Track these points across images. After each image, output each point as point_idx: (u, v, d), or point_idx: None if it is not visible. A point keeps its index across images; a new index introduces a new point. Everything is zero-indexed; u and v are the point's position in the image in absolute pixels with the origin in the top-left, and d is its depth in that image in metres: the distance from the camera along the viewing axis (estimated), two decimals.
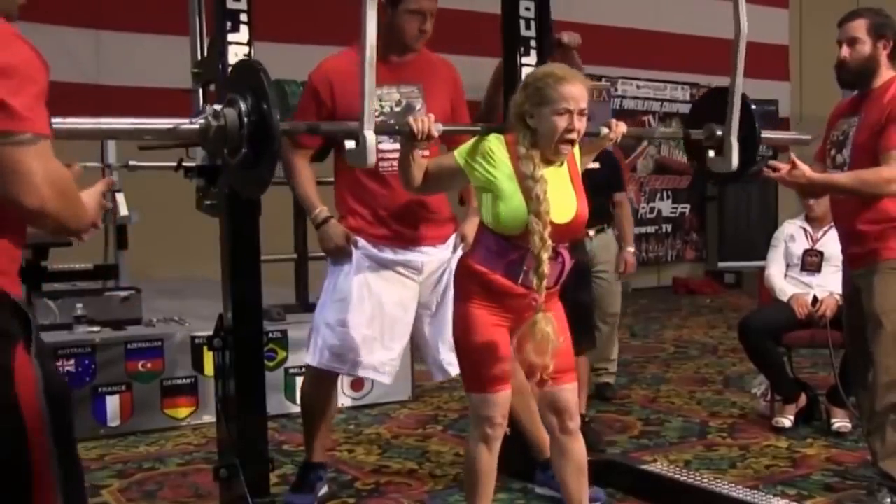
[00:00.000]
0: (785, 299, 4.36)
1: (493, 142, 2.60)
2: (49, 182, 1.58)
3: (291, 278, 5.37)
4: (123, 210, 4.82)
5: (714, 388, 5.23)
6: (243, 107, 2.36)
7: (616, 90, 9.64)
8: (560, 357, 2.60)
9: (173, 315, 4.78)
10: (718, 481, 3.35)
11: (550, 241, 2.48)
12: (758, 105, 3.13)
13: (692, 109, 3.73)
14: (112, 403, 4.30)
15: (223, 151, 2.50)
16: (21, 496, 1.65)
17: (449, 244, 3.27)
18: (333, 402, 3.38)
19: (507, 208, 2.52)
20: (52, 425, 1.67)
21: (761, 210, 9.88)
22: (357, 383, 4.74)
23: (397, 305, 3.20)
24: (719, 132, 3.14)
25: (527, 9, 3.24)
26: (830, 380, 4.30)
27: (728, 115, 3.07)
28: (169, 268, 6.95)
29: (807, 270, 4.44)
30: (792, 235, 4.55)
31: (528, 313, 2.51)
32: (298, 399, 3.84)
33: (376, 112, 3.02)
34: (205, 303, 4.54)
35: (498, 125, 2.79)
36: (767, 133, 3.23)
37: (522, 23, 3.23)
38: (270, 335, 4.52)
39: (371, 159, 2.47)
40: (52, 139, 1.61)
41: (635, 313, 8.04)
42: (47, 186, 1.58)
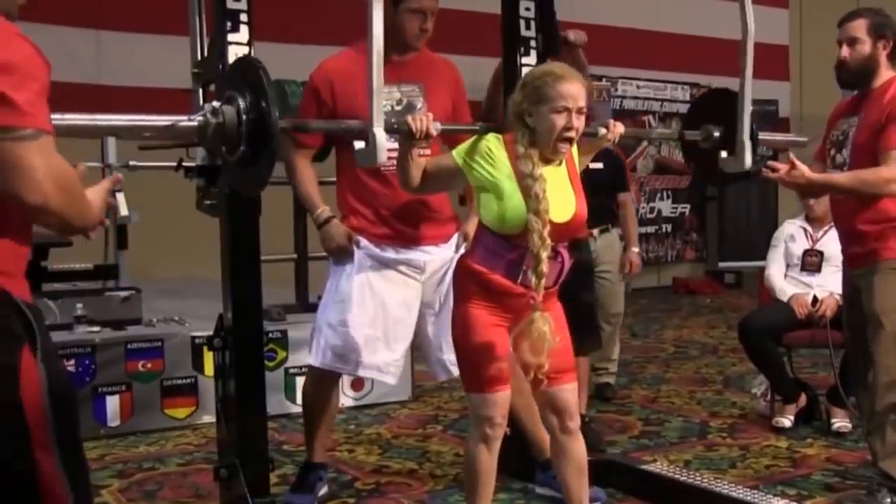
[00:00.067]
0: (785, 299, 4.36)
1: (492, 141, 2.60)
2: (52, 178, 1.56)
3: (291, 278, 5.37)
4: (123, 210, 4.82)
5: (714, 388, 5.23)
6: (242, 104, 2.33)
7: (616, 90, 9.66)
8: (560, 357, 2.60)
9: (173, 315, 4.78)
10: (718, 481, 3.35)
11: (549, 240, 2.48)
12: (758, 105, 3.13)
13: (689, 111, 3.74)
14: (112, 403, 4.30)
15: (221, 149, 2.49)
16: (26, 497, 1.65)
17: (451, 243, 3.26)
18: (335, 403, 3.38)
19: (507, 207, 2.52)
20: (57, 426, 1.66)
21: (761, 210, 9.88)
22: (357, 383, 4.74)
23: (400, 305, 3.19)
24: (717, 133, 3.15)
25: (527, 9, 3.24)
26: (830, 380, 4.30)
27: (739, 115, 3.07)
28: (169, 268, 6.95)
29: (807, 270, 4.45)
30: (792, 235, 4.55)
31: (528, 313, 2.51)
32: (299, 399, 3.85)
33: None
34: (205, 303, 4.54)
35: (496, 125, 2.78)
36: (765, 135, 3.23)
37: (522, 23, 3.23)
38: (270, 335, 4.52)
39: (381, 157, 2.45)
40: (54, 136, 1.60)
41: (635, 313, 8.03)
42: (50, 182, 1.56)
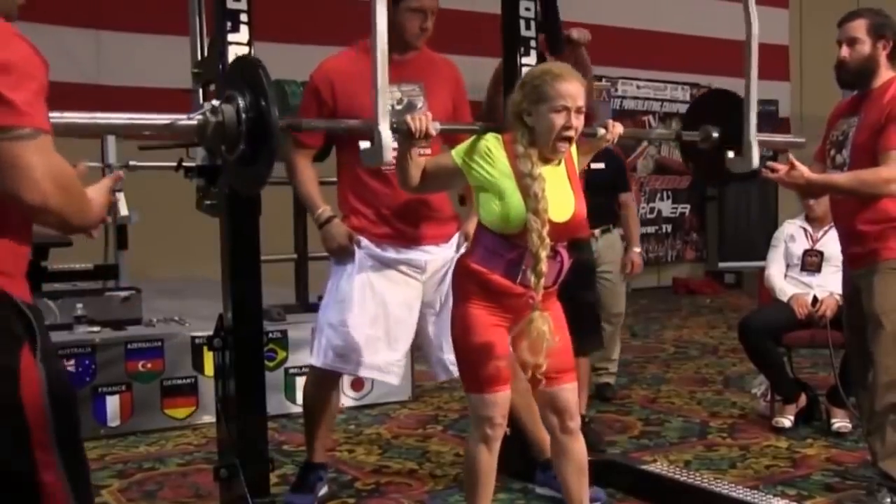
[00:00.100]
0: (785, 299, 4.36)
1: (491, 141, 2.60)
2: (51, 177, 1.56)
3: (291, 278, 5.37)
4: (123, 210, 4.82)
5: (714, 389, 5.23)
6: (241, 103, 2.33)
7: (616, 90, 9.66)
8: (559, 356, 2.60)
9: (173, 315, 4.78)
10: (718, 481, 3.35)
11: (548, 240, 2.48)
12: (758, 105, 3.13)
13: (688, 111, 3.74)
14: (112, 403, 4.30)
15: (221, 148, 2.48)
16: (26, 497, 1.65)
17: (452, 243, 3.26)
18: (335, 403, 3.37)
19: (506, 207, 2.52)
20: (57, 426, 1.66)
21: (761, 210, 9.88)
22: (357, 383, 4.73)
23: (402, 306, 3.18)
24: (715, 134, 3.16)
25: (527, 9, 3.24)
26: (830, 380, 4.30)
27: (745, 115, 3.08)
28: (169, 268, 6.95)
29: (807, 270, 4.45)
30: (792, 235, 4.55)
31: (527, 312, 2.51)
32: (299, 399, 3.84)
33: None
34: (205, 303, 4.54)
35: (496, 124, 2.78)
36: (763, 136, 3.23)
37: (522, 23, 3.23)
38: (270, 335, 4.52)
39: (388, 157, 2.44)
40: (53, 135, 1.59)
41: (635, 313, 8.03)
42: (49, 182, 1.56)
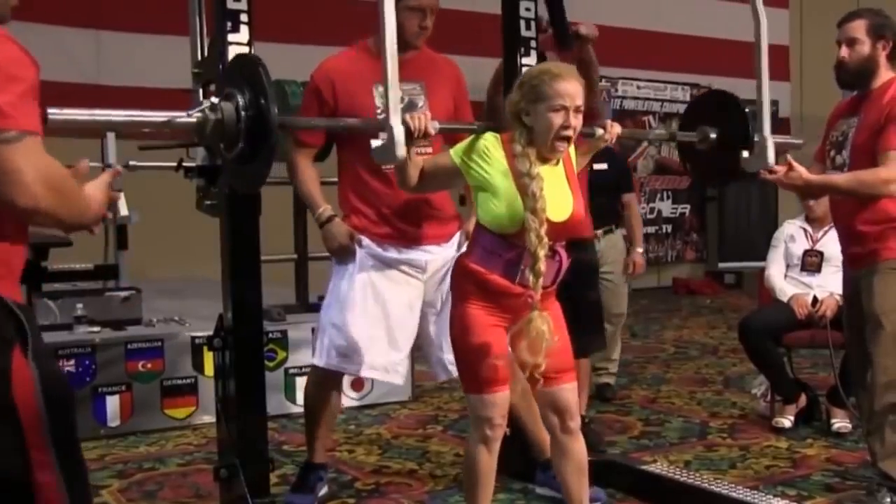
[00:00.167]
0: (785, 300, 4.36)
1: (489, 140, 2.60)
2: (41, 179, 1.55)
3: (291, 278, 5.37)
4: (123, 210, 4.82)
5: (714, 389, 5.23)
6: (241, 101, 2.32)
7: (616, 90, 9.67)
8: (559, 356, 2.60)
9: (173, 315, 4.78)
10: (718, 482, 3.35)
11: (547, 239, 2.48)
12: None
13: (685, 112, 3.73)
14: (112, 403, 4.30)
15: (220, 146, 2.47)
16: (22, 498, 1.64)
17: (453, 242, 3.26)
18: (336, 404, 3.37)
19: (504, 206, 2.52)
20: (53, 426, 1.66)
21: (761, 210, 9.89)
22: (357, 383, 4.73)
23: (403, 305, 3.18)
24: (713, 134, 3.17)
25: (527, 9, 3.24)
26: (830, 380, 4.30)
27: (759, 114, 3.09)
28: (169, 268, 6.95)
29: (807, 271, 4.45)
30: (792, 236, 4.55)
31: (526, 312, 2.51)
32: (299, 399, 3.84)
33: (378, 109, 3.02)
34: (205, 303, 4.54)
35: (494, 124, 2.78)
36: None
37: (522, 23, 3.23)
38: (270, 335, 4.52)
39: (401, 153, 2.43)
40: (42, 136, 1.58)
41: (635, 313, 8.03)
42: (39, 184, 1.55)
